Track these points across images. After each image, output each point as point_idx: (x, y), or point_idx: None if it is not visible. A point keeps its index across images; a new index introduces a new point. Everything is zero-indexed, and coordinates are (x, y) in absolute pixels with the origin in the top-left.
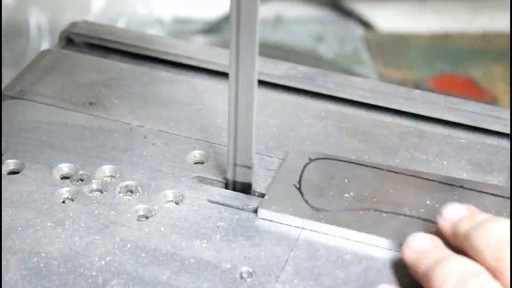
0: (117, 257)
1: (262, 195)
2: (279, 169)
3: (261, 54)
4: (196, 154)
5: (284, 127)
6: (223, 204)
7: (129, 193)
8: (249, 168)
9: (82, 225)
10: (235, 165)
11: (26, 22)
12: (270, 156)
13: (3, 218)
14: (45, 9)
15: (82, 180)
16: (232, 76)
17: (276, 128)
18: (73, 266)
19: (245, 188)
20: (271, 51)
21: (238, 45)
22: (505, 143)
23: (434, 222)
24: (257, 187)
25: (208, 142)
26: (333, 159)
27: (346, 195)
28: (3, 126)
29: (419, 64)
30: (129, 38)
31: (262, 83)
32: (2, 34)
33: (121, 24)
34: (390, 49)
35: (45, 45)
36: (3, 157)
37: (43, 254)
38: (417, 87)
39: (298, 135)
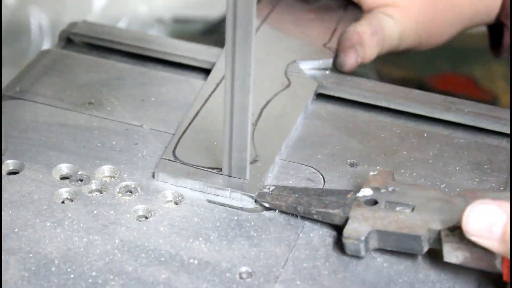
0: (117, 257)
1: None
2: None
3: None
4: None
5: None
6: (222, 204)
7: (128, 193)
8: (244, 167)
9: (82, 225)
10: (230, 164)
11: (27, 22)
12: None
13: (2, 218)
14: (46, 9)
15: (81, 180)
16: (227, 75)
17: None
18: (73, 266)
19: None
20: None
21: (234, 44)
22: (505, 143)
23: None
24: None
25: None
26: None
27: None
28: (2, 126)
29: (419, 63)
30: (129, 38)
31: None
32: (3, 34)
33: (122, 24)
34: None
35: (46, 45)
36: (2, 157)
37: (43, 254)
38: (417, 86)
39: (298, 135)
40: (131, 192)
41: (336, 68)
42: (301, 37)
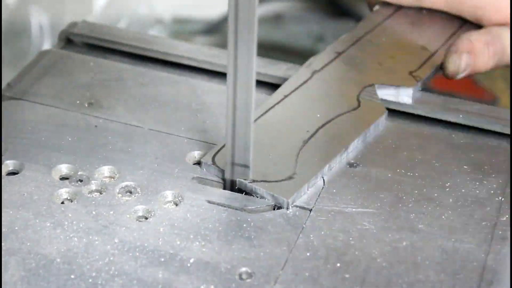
0: (116, 257)
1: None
2: None
3: (260, 54)
4: (195, 154)
5: None
6: (222, 205)
7: (128, 193)
8: (247, 167)
9: (81, 225)
10: (233, 164)
11: (27, 22)
12: None
13: (2, 218)
14: (46, 9)
15: (81, 180)
16: (230, 75)
17: None
18: (72, 267)
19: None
20: (270, 51)
21: (236, 44)
22: (505, 143)
23: None
24: None
25: (207, 143)
26: None
27: None
28: (2, 126)
29: None
30: (129, 38)
31: (261, 83)
32: (3, 34)
33: (122, 24)
34: None
35: (46, 45)
36: (2, 157)
37: (42, 255)
38: None
39: None
40: (130, 192)
41: (445, 75)
42: (390, 60)
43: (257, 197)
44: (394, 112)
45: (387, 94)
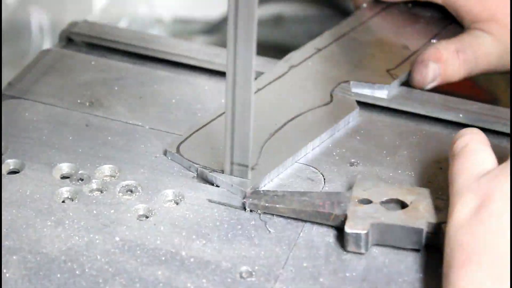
0: (117, 256)
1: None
2: None
3: (260, 53)
4: None
5: None
6: (223, 204)
7: (129, 192)
8: (246, 166)
9: (82, 224)
10: (232, 163)
11: (27, 22)
12: None
13: (3, 217)
14: (47, 9)
15: (82, 179)
16: (229, 75)
17: None
18: (73, 266)
19: None
20: (270, 50)
21: (236, 44)
22: (505, 142)
23: None
24: None
25: None
26: None
27: None
28: (3, 126)
29: None
30: (129, 38)
31: None
32: (3, 34)
33: (122, 24)
34: None
35: (46, 45)
36: (3, 156)
37: (43, 254)
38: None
39: None
40: (131, 191)
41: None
42: (370, 58)
43: (217, 186)
44: (394, 112)
45: (362, 91)
